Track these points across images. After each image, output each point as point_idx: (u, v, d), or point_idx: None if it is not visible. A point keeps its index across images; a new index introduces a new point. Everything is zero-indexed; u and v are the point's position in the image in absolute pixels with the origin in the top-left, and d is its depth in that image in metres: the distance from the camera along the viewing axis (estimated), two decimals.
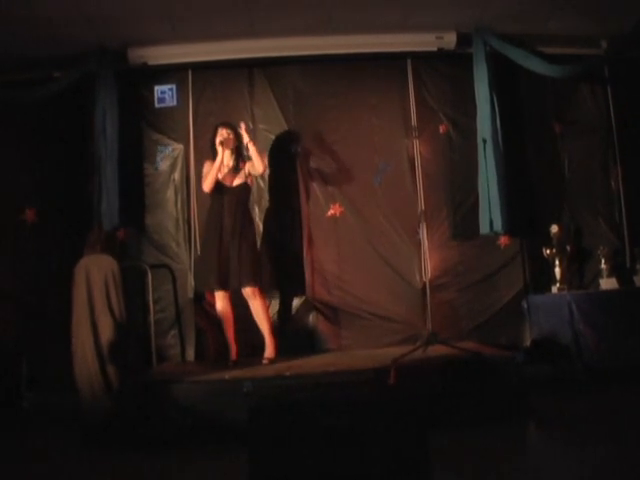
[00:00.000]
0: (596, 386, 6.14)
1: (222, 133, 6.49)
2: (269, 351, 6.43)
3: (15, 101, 7.15)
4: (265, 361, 6.28)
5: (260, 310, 6.43)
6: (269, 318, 6.64)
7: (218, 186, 6.47)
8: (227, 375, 5.62)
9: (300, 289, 7.26)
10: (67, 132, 7.31)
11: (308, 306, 7.24)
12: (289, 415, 3.68)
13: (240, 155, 6.63)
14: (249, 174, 6.58)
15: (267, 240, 7.06)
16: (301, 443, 3.52)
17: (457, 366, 5.50)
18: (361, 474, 3.47)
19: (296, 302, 7.26)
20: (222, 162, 6.43)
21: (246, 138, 6.49)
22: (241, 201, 6.48)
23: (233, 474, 4.37)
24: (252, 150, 6.44)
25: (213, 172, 6.40)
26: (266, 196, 7.32)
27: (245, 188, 6.57)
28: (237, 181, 6.51)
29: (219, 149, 6.40)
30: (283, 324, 7.18)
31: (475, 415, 5.17)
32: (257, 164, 6.46)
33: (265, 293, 6.69)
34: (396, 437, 3.54)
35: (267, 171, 7.15)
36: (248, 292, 6.36)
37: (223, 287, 6.37)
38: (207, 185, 6.45)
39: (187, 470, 4.71)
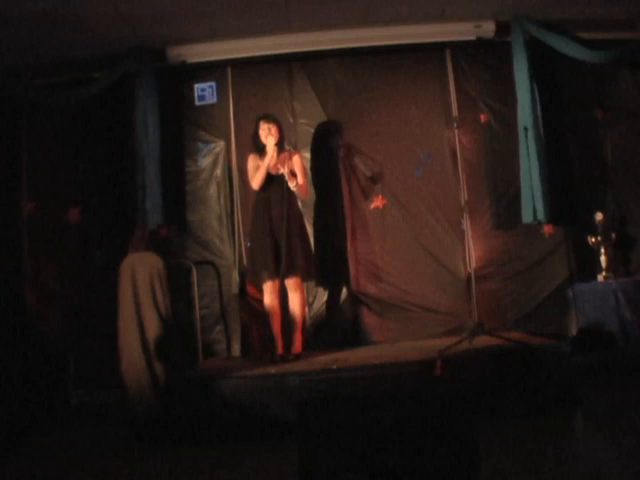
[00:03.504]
0: None
1: (270, 131, 6.46)
2: (297, 346, 6.43)
3: (57, 103, 7.22)
4: (291, 356, 6.25)
5: (299, 303, 6.44)
6: (304, 314, 6.68)
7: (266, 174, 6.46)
8: (273, 370, 5.63)
9: (344, 282, 7.26)
10: (109, 131, 7.40)
11: (353, 298, 7.25)
12: (337, 409, 3.69)
13: (282, 142, 6.60)
14: (293, 163, 6.56)
15: (311, 233, 7.06)
16: (349, 437, 3.51)
17: (504, 357, 5.46)
18: (410, 467, 3.47)
19: (341, 295, 7.28)
20: (272, 159, 6.40)
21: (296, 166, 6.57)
22: (288, 190, 6.41)
23: (281, 470, 4.40)
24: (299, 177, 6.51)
25: (263, 170, 6.37)
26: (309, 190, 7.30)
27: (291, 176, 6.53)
28: (282, 169, 6.42)
29: (272, 149, 6.37)
30: (328, 317, 7.22)
31: (522, 406, 5.15)
32: (301, 192, 6.57)
33: (307, 282, 6.78)
34: (445, 429, 3.52)
35: (309, 165, 7.19)
36: (292, 283, 6.38)
37: (273, 277, 6.34)
38: (257, 182, 6.40)
39: (235, 466, 4.71)
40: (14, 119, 7.41)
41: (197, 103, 7.54)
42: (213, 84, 7.53)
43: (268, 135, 6.42)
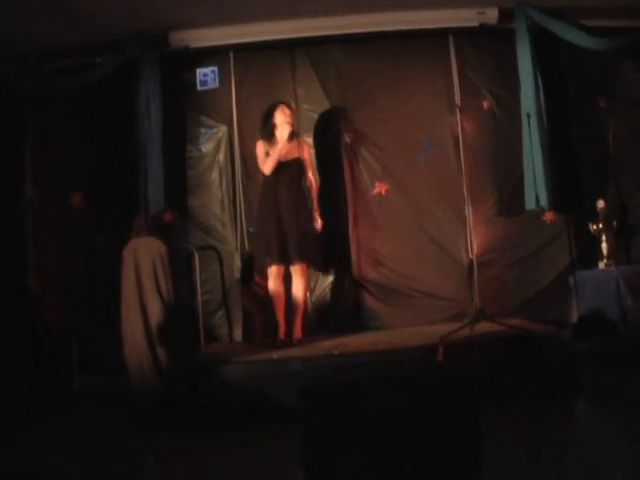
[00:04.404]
0: None
1: (286, 116, 6.51)
2: (298, 331, 6.46)
3: (60, 88, 7.21)
4: (294, 341, 6.31)
5: (302, 289, 6.46)
6: (307, 299, 6.72)
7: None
8: (275, 355, 5.65)
9: (346, 267, 7.28)
10: (112, 117, 7.40)
11: (354, 284, 7.27)
12: (340, 395, 3.69)
13: (293, 130, 6.60)
14: (303, 149, 6.62)
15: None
16: (352, 423, 3.52)
17: (505, 343, 5.48)
18: (414, 453, 3.48)
19: (342, 280, 7.29)
20: (286, 147, 6.44)
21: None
22: (296, 176, 6.49)
23: (283, 454, 4.41)
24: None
25: (274, 157, 6.39)
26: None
27: (299, 163, 6.56)
28: (292, 155, 6.50)
29: (286, 138, 6.41)
30: (330, 302, 7.24)
31: (523, 392, 5.15)
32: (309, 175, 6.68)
33: (315, 270, 6.85)
34: (448, 415, 3.53)
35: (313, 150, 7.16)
36: (297, 269, 6.40)
37: (278, 262, 6.37)
38: (268, 167, 6.40)
39: (237, 450, 4.74)
40: (18, 104, 7.37)
41: (199, 88, 7.53)
42: (215, 69, 7.52)
43: (286, 121, 6.47)
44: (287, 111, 6.54)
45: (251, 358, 5.68)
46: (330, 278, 7.27)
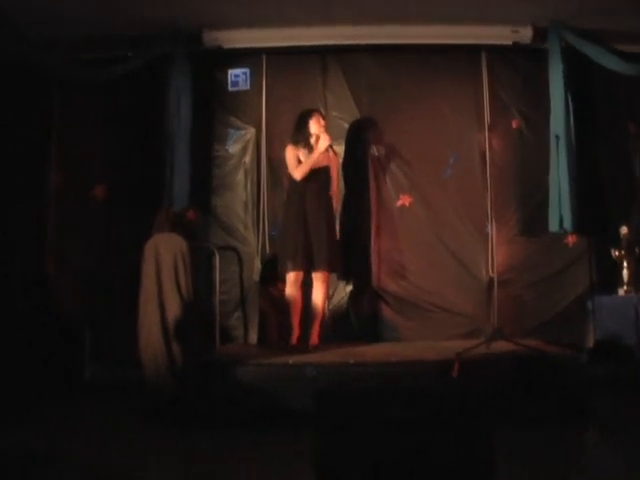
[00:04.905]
0: None
1: (320, 125, 6.56)
2: (315, 337, 6.46)
3: (90, 80, 7.25)
4: (310, 347, 6.31)
5: (322, 296, 6.48)
6: (325, 307, 6.70)
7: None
8: (291, 360, 5.64)
9: (366, 277, 7.27)
10: (140, 111, 7.40)
11: (373, 294, 7.26)
12: (354, 403, 3.69)
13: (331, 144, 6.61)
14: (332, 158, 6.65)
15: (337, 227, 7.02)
16: (365, 432, 3.51)
17: (521, 364, 5.46)
18: (425, 467, 3.47)
19: (361, 290, 7.29)
20: (320, 157, 6.48)
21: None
22: (325, 184, 6.53)
23: (292, 457, 4.42)
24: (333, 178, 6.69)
25: (311, 162, 6.42)
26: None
27: (328, 171, 6.59)
28: (322, 164, 6.52)
29: (324, 148, 6.44)
30: (347, 311, 7.24)
31: (536, 413, 5.14)
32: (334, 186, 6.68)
33: (337, 278, 6.90)
34: (462, 432, 3.52)
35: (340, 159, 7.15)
36: (319, 275, 6.42)
37: (300, 268, 6.39)
38: (301, 174, 6.43)
39: (247, 452, 4.74)
40: (47, 91, 7.41)
41: (230, 89, 7.54)
42: (247, 70, 7.52)
43: (323, 131, 6.51)
44: (322, 121, 6.59)
45: (266, 361, 5.66)
46: (349, 287, 7.27)
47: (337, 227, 6.72)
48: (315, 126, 6.53)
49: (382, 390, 3.90)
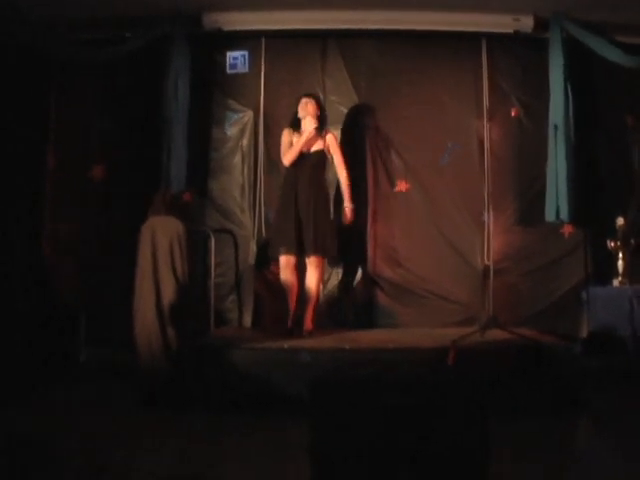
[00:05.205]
0: None
1: (306, 107, 6.53)
2: (308, 322, 6.44)
3: (88, 60, 7.20)
4: (304, 333, 6.30)
5: (316, 281, 6.44)
6: (319, 292, 6.66)
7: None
8: (285, 344, 5.64)
9: (362, 263, 7.28)
10: (138, 93, 7.33)
11: (368, 280, 7.26)
12: (350, 391, 3.69)
13: (321, 122, 6.61)
14: (327, 143, 6.61)
15: (334, 212, 6.99)
16: (360, 420, 3.52)
17: (515, 352, 5.48)
18: (422, 455, 3.47)
19: (357, 275, 7.30)
20: (308, 140, 6.47)
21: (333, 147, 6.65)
22: (317, 168, 6.51)
23: (288, 444, 4.43)
24: (337, 160, 6.65)
25: (296, 149, 6.43)
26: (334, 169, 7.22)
27: (322, 156, 6.57)
28: (314, 147, 6.53)
29: (309, 131, 6.44)
30: (342, 296, 7.24)
31: (530, 403, 5.18)
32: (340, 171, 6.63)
33: (330, 264, 6.84)
34: (459, 420, 3.53)
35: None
36: (312, 260, 6.39)
37: (291, 251, 6.39)
38: (288, 159, 6.46)
39: (241, 436, 4.75)
40: (44, 71, 7.33)
41: (228, 71, 7.49)
42: (245, 53, 7.48)
43: (310, 114, 6.48)
44: (311, 105, 6.54)
45: (261, 345, 5.68)
46: (344, 272, 7.27)
47: (331, 211, 6.70)
48: (301, 111, 6.53)
49: (377, 378, 3.91)
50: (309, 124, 6.46)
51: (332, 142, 6.63)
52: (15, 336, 6.43)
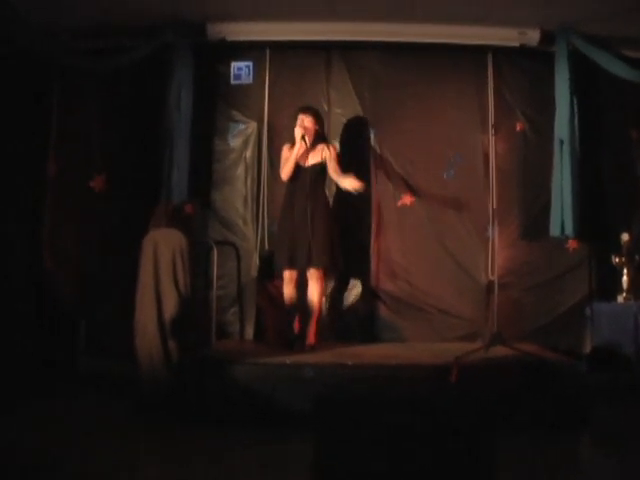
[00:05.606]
0: None
1: (302, 123, 6.46)
2: (311, 337, 6.39)
3: (92, 68, 7.17)
4: (307, 347, 6.26)
5: (317, 295, 6.40)
6: (321, 305, 6.62)
7: (295, 164, 6.45)
8: (288, 360, 5.60)
9: (364, 276, 7.24)
10: (141, 102, 7.30)
11: (371, 294, 7.22)
12: (354, 408, 3.66)
13: (320, 136, 6.57)
14: (324, 155, 6.52)
15: (336, 225, 6.84)
16: (364, 437, 3.49)
17: (520, 370, 5.45)
18: (424, 473, 3.44)
19: (359, 289, 7.25)
20: (300, 151, 6.41)
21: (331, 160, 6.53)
22: (316, 181, 6.45)
23: (289, 460, 4.40)
24: (331, 167, 6.50)
25: (291, 162, 6.39)
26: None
27: (321, 168, 6.50)
28: (312, 160, 6.47)
29: (299, 142, 6.39)
30: (344, 310, 7.21)
31: (534, 421, 5.15)
32: (347, 184, 6.37)
33: (332, 276, 6.82)
34: (463, 438, 3.49)
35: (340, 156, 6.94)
36: (313, 273, 6.34)
37: (291, 267, 6.38)
38: (285, 174, 6.45)
39: (242, 451, 4.72)
40: (46, 80, 7.30)
41: (232, 82, 7.45)
42: (250, 64, 7.45)
43: (300, 125, 6.44)
44: (307, 120, 6.46)
45: (263, 360, 5.65)
46: (347, 286, 7.23)
47: (333, 225, 6.56)
48: (297, 127, 6.46)
49: (380, 395, 3.89)
50: (297, 134, 6.40)
51: (329, 154, 6.52)
52: (14, 345, 6.41)
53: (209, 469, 4.32)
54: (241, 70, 7.44)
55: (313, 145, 6.49)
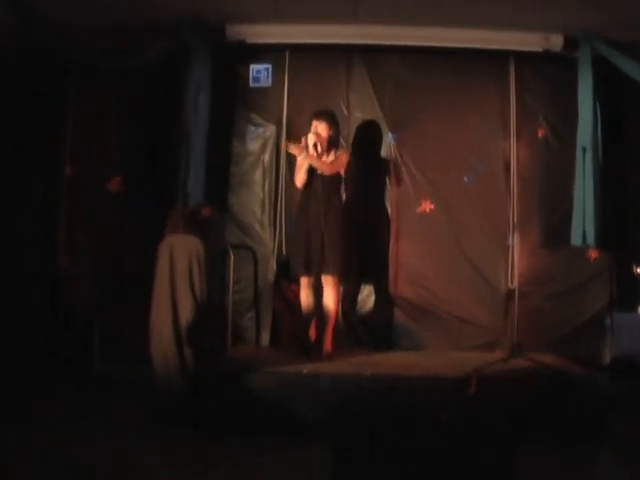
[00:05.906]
0: None
1: (316, 130, 6.40)
2: (328, 344, 6.35)
3: (110, 68, 7.12)
4: (324, 355, 6.23)
5: (333, 301, 6.36)
6: (338, 312, 6.57)
7: (309, 170, 6.38)
8: (305, 369, 5.57)
9: (383, 283, 7.18)
10: (158, 104, 7.22)
11: (389, 301, 7.17)
12: (373, 422, 3.64)
13: (334, 142, 6.53)
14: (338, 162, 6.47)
15: (355, 231, 6.79)
16: (383, 451, 3.46)
17: (538, 381, 5.43)
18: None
19: (378, 296, 7.20)
20: (312, 160, 6.36)
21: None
22: (331, 187, 6.40)
23: (307, 470, 4.35)
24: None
25: (303, 170, 6.37)
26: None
27: (336, 174, 6.46)
28: (327, 169, 6.40)
29: (311, 149, 6.34)
30: (362, 316, 7.16)
31: (555, 433, 5.10)
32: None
33: (345, 283, 6.71)
34: (482, 455, 3.46)
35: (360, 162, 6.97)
36: (329, 280, 6.31)
37: (308, 272, 6.35)
38: (299, 181, 6.45)
39: (258, 461, 4.70)
40: (63, 79, 7.27)
41: (251, 84, 7.40)
42: (269, 66, 7.38)
43: (313, 132, 6.39)
44: (321, 127, 6.42)
45: (279, 369, 5.65)
46: (365, 292, 7.19)
47: (348, 231, 6.49)
48: (311, 134, 6.41)
49: (400, 410, 3.86)
50: (310, 143, 6.36)
51: (341, 161, 6.47)
52: (29, 350, 6.39)
53: (223, 478, 4.33)
54: (260, 73, 7.39)
55: (327, 151, 6.44)
